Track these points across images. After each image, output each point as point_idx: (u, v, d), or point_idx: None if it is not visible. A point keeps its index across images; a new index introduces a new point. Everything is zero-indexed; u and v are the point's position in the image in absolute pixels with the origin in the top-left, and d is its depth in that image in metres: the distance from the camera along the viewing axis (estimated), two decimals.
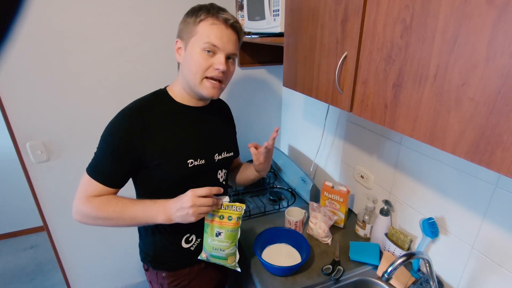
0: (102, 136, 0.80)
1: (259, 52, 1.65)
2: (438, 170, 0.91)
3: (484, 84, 0.45)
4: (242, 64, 1.66)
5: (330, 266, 1.01)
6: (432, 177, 0.93)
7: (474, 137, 0.48)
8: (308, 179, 1.40)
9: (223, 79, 0.82)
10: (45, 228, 1.52)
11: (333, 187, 1.21)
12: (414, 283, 0.95)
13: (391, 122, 0.64)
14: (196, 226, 0.84)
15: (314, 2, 0.83)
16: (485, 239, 0.80)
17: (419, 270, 0.99)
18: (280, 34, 1.12)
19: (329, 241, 1.15)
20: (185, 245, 0.94)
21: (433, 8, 0.51)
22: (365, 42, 0.67)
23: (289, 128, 1.86)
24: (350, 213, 1.35)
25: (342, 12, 0.72)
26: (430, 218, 0.91)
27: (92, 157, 0.81)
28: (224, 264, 0.90)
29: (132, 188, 0.90)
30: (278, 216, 1.34)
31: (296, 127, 1.76)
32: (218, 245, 0.85)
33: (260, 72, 1.75)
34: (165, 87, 0.89)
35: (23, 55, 1.24)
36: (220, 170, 0.96)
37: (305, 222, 1.25)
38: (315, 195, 1.39)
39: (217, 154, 0.92)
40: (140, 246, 1.00)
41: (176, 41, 0.83)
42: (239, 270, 0.92)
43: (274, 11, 1.09)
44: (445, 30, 0.50)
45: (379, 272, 0.99)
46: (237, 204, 0.83)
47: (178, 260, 0.95)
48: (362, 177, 1.24)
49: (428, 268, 0.83)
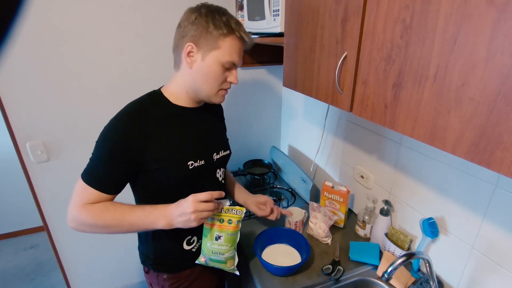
0: (97, 141, 0.77)
1: (259, 52, 1.65)
2: (438, 170, 0.91)
3: (484, 84, 0.45)
4: (242, 64, 1.64)
5: (330, 266, 1.01)
6: (432, 177, 0.93)
7: (474, 137, 0.48)
8: (308, 179, 1.40)
9: None
10: (45, 228, 1.52)
11: (333, 187, 1.21)
12: (414, 283, 0.95)
13: (391, 122, 0.64)
14: (197, 227, 0.84)
15: (314, 2, 0.83)
16: (485, 239, 0.80)
17: (419, 270, 0.99)
18: (280, 34, 1.12)
19: (329, 241, 1.15)
20: (186, 247, 0.93)
21: (433, 8, 0.51)
22: (365, 42, 0.67)
23: (289, 128, 1.85)
24: (350, 213, 1.35)
25: (342, 12, 0.72)
26: (430, 218, 0.91)
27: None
28: (223, 268, 0.90)
29: (127, 192, 0.88)
30: None
31: (296, 127, 1.75)
32: (218, 248, 0.85)
33: (260, 72, 1.75)
34: (159, 88, 0.87)
35: (23, 55, 1.24)
36: (218, 169, 0.96)
37: (305, 222, 1.25)
38: (315, 195, 1.39)
39: (215, 154, 0.93)
40: (140, 249, 0.99)
41: (188, 44, 0.77)
42: (238, 273, 0.92)
43: (274, 11, 1.09)
44: (445, 30, 0.50)
45: (379, 272, 0.99)
46: (237, 207, 0.83)
47: (180, 262, 0.95)
48: (362, 177, 1.24)
49: (428, 268, 0.83)
